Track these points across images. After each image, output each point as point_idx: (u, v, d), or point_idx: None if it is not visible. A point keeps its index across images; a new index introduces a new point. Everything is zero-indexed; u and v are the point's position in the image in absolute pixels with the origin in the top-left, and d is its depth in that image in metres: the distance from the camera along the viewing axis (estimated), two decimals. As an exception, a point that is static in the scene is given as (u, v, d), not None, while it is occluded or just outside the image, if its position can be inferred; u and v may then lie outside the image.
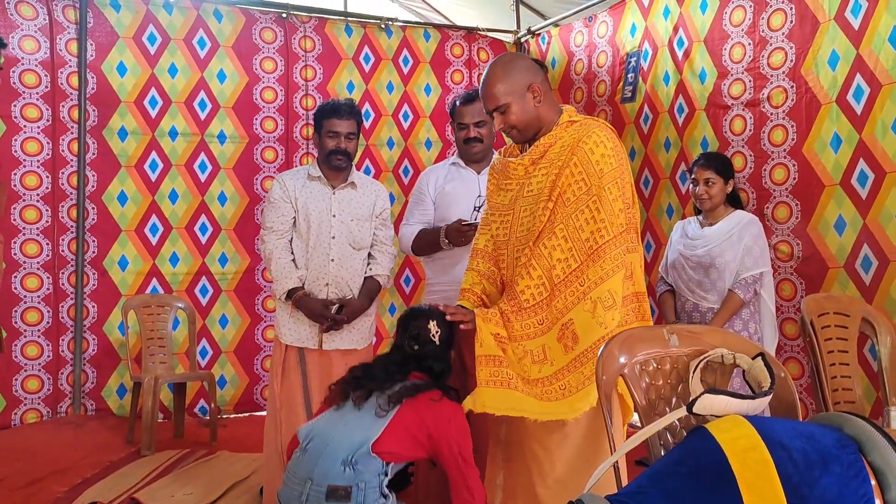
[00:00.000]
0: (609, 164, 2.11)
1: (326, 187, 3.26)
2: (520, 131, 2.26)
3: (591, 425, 2.16)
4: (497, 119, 2.26)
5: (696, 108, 4.45)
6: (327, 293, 3.18)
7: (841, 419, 1.41)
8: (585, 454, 2.17)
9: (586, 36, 5.45)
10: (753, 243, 3.39)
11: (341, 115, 3.20)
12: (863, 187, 3.62)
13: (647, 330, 1.89)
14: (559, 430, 2.16)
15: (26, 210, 4.78)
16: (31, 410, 4.80)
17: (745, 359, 1.71)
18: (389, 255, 3.36)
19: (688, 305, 3.48)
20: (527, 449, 2.22)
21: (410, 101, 5.82)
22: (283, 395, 3.18)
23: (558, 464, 2.17)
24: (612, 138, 2.17)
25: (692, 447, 1.39)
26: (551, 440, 2.17)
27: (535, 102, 2.23)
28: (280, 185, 3.27)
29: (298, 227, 3.24)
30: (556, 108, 2.28)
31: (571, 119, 2.25)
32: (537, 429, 2.16)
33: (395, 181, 5.75)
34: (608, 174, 2.10)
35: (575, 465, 2.16)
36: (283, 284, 3.17)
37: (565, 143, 2.18)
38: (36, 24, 4.80)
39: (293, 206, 3.24)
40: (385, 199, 3.40)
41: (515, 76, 2.22)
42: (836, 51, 3.72)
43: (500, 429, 2.32)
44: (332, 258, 3.18)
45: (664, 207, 4.72)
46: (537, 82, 2.23)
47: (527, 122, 2.24)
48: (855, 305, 3.32)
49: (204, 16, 5.24)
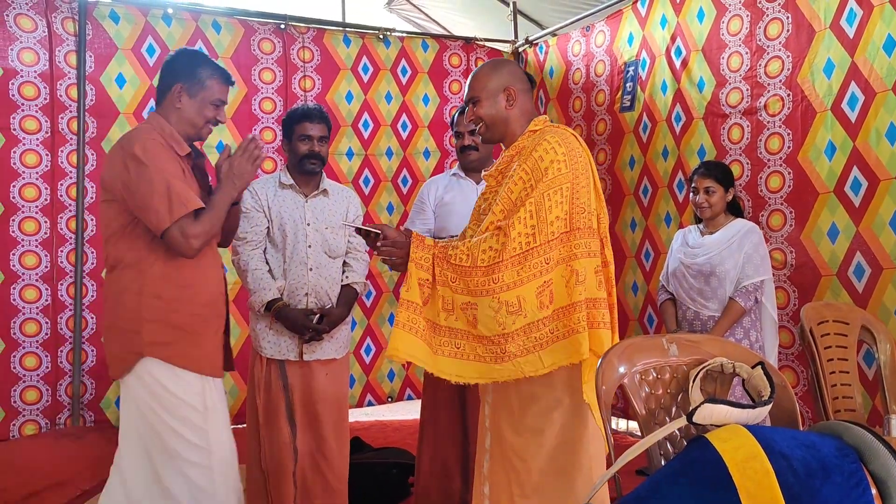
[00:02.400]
0: (556, 169, 2.11)
1: (299, 195, 3.23)
2: (487, 127, 2.34)
3: (565, 434, 2.18)
4: (469, 111, 2.37)
5: (693, 117, 4.46)
6: (307, 303, 3.14)
7: (841, 428, 1.41)
8: (560, 463, 2.18)
9: (584, 45, 5.47)
10: (754, 251, 3.39)
11: (313, 119, 3.19)
12: (856, 195, 3.64)
13: (647, 339, 1.89)
14: (533, 440, 2.18)
15: (25, 222, 4.78)
16: (30, 422, 4.78)
17: (745, 368, 1.72)
18: (364, 263, 3.34)
19: (689, 314, 3.49)
20: (506, 460, 2.25)
21: (409, 111, 5.83)
22: (264, 411, 3.12)
23: (534, 473, 2.18)
24: (564, 143, 2.16)
25: (692, 457, 1.40)
26: (526, 451, 2.20)
27: (506, 104, 2.30)
28: (252, 194, 3.21)
29: (273, 237, 3.20)
30: (527, 118, 2.33)
31: (534, 129, 2.29)
32: (513, 439, 2.21)
33: (394, 191, 5.76)
34: (551, 179, 2.10)
35: (550, 473, 2.18)
36: (262, 296, 3.10)
37: (523, 151, 2.24)
38: (35, 36, 4.81)
39: (266, 215, 3.19)
40: (357, 206, 3.38)
41: (495, 76, 2.32)
42: (832, 59, 3.74)
43: (485, 439, 2.35)
44: (310, 267, 3.15)
45: (662, 216, 4.73)
46: (515, 88, 2.30)
47: (493, 119, 2.31)
48: (854, 313, 3.33)
49: (203, 27, 5.25)
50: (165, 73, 2.50)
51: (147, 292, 2.32)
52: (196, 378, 2.35)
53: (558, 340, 2.05)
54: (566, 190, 2.10)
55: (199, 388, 2.36)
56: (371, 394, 5.71)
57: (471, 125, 3.16)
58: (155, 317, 2.32)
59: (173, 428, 2.32)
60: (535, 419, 2.20)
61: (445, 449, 3.28)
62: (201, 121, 2.48)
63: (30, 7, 4.79)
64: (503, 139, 2.35)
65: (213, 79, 2.48)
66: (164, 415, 2.32)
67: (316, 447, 3.14)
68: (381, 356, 5.74)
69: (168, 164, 2.32)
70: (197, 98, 2.46)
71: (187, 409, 2.33)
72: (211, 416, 2.37)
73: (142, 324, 2.31)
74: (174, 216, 2.24)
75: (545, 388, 2.19)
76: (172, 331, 2.33)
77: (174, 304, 2.34)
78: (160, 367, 2.32)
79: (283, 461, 3.07)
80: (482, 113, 2.32)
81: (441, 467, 3.30)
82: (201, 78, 2.46)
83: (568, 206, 2.11)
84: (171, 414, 2.32)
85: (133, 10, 5.07)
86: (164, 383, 2.32)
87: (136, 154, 2.28)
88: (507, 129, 2.32)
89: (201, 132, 2.52)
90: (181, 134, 2.47)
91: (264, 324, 3.15)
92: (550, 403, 2.19)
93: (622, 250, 5.02)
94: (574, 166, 2.14)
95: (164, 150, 2.35)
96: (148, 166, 2.27)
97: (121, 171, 2.30)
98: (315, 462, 3.12)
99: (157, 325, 2.32)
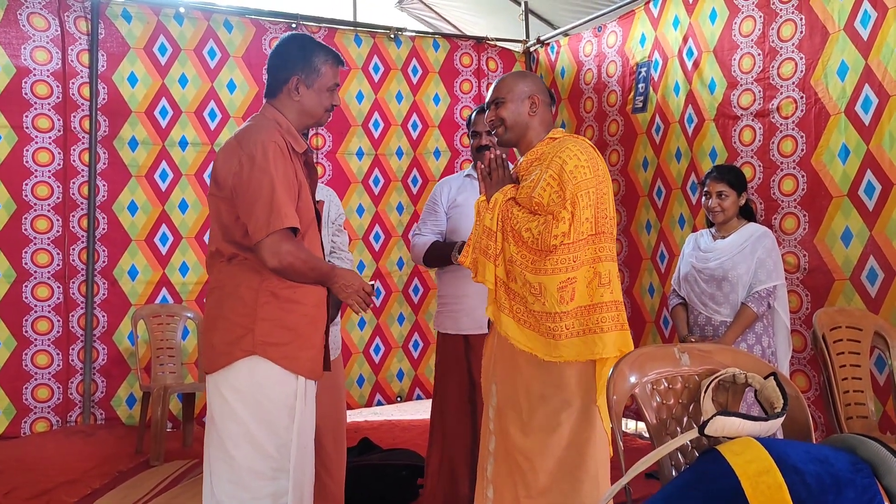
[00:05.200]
0: (583, 174, 2.21)
1: None
2: (506, 128, 2.40)
3: (574, 437, 2.19)
4: (490, 111, 2.42)
5: (705, 119, 4.44)
6: None
7: (855, 441, 1.40)
8: (568, 465, 2.19)
9: (595, 46, 5.45)
10: (767, 256, 3.35)
11: None
12: (870, 199, 3.61)
13: (658, 349, 1.88)
14: (541, 441, 2.20)
15: (37, 220, 4.81)
16: (41, 419, 4.81)
17: (758, 378, 1.70)
18: (348, 262, 3.23)
19: (700, 319, 3.45)
20: (511, 461, 2.26)
21: (419, 111, 5.83)
22: None
23: (541, 475, 2.19)
24: (586, 151, 2.27)
25: (704, 470, 1.39)
26: (534, 452, 2.21)
27: (529, 111, 2.39)
28: None
29: None
30: (546, 129, 2.42)
31: (554, 136, 2.38)
32: (520, 440, 2.23)
33: (404, 190, 5.76)
34: (581, 182, 2.19)
35: (558, 476, 2.19)
36: None
37: (544, 157, 2.32)
38: (48, 35, 4.83)
39: None
40: (338, 205, 3.28)
41: (523, 82, 2.41)
42: (846, 61, 3.71)
43: (488, 442, 2.34)
44: None
45: (676, 218, 4.71)
46: (539, 98, 2.40)
47: (515, 122, 2.39)
48: (868, 319, 3.31)
49: (214, 26, 5.26)
50: (277, 64, 2.38)
51: (264, 289, 2.25)
52: (295, 380, 2.29)
53: (573, 337, 2.16)
54: (592, 194, 2.20)
55: (294, 390, 2.28)
56: (380, 393, 5.72)
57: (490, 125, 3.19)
58: (270, 315, 2.24)
59: (252, 433, 2.23)
60: (544, 420, 2.21)
61: (454, 451, 3.27)
62: (321, 110, 2.39)
63: (43, 6, 4.82)
64: (518, 144, 2.42)
65: (327, 64, 2.37)
66: (248, 418, 2.23)
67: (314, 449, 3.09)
68: (390, 355, 5.74)
69: (281, 171, 2.22)
70: (314, 87, 2.35)
71: (278, 413, 2.26)
72: (298, 418, 2.32)
73: (256, 321, 2.23)
74: (270, 228, 2.19)
75: (555, 389, 2.20)
76: (285, 332, 2.26)
77: (288, 304, 2.27)
78: (266, 368, 2.24)
79: None
80: (505, 114, 2.38)
81: (450, 469, 3.30)
82: (316, 65, 2.35)
83: (594, 210, 2.20)
84: (256, 418, 2.23)
85: (145, 9, 5.09)
86: (262, 384, 2.24)
87: (254, 155, 2.20)
88: (524, 135, 2.39)
89: (321, 120, 2.44)
90: (300, 126, 2.40)
91: None
92: (559, 405, 2.20)
93: (637, 252, 5.00)
94: (597, 172, 2.23)
95: (282, 156, 2.25)
96: (262, 170, 2.19)
97: (235, 168, 2.22)
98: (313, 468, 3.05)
99: (271, 325, 2.24)
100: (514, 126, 2.39)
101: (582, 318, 2.18)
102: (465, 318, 3.20)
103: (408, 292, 5.77)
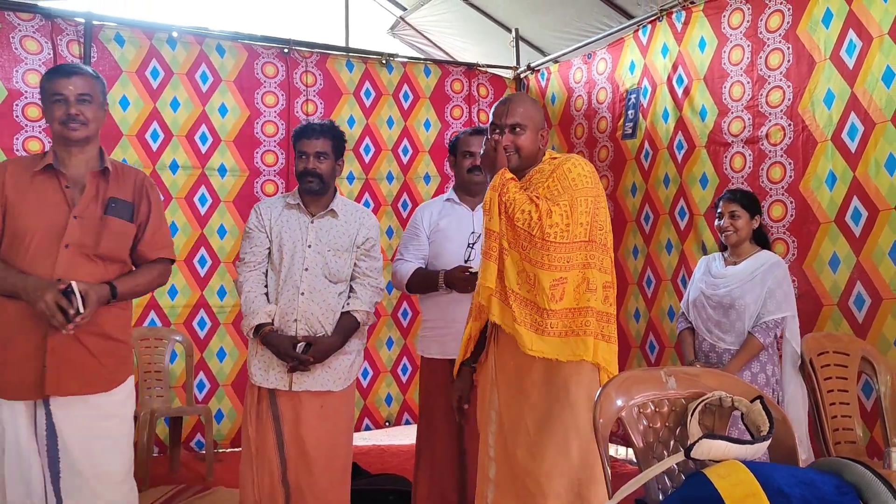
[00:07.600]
0: (584, 181, 2.28)
1: (304, 215, 3.06)
2: (520, 157, 2.40)
3: (584, 457, 2.19)
4: (507, 136, 2.39)
5: (696, 145, 4.48)
6: (296, 329, 2.95)
7: (840, 465, 1.40)
8: (577, 486, 2.19)
9: (585, 72, 5.50)
10: (777, 287, 3.28)
11: (310, 135, 3.00)
12: (856, 225, 3.64)
13: (645, 372, 1.89)
14: (550, 463, 2.20)
15: (26, 242, 4.78)
16: None
17: (744, 402, 1.70)
18: (372, 289, 3.09)
19: (704, 345, 3.42)
20: (519, 485, 2.24)
21: (410, 136, 5.86)
22: (257, 441, 2.98)
23: (550, 498, 2.18)
24: (588, 165, 2.36)
25: (691, 494, 1.39)
26: (542, 473, 2.20)
27: (540, 143, 2.43)
28: (256, 214, 3.09)
29: (272, 258, 3.04)
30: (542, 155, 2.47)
31: (554, 157, 2.45)
32: (528, 462, 2.22)
33: (394, 215, 5.77)
34: (582, 189, 2.26)
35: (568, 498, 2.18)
36: (251, 320, 2.94)
37: (545, 171, 2.37)
38: (40, 58, 4.84)
39: (268, 235, 3.05)
40: (370, 228, 3.14)
41: (538, 113, 2.46)
42: (832, 90, 3.76)
43: (488, 469, 2.32)
44: (301, 291, 2.96)
45: (663, 243, 4.73)
46: (545, 131, 2.47)
47: (530, 151, 2.41)
48: (855, 345, 3.31)
49: (207, 50, 5.29)
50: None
51: None
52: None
53: (560, 337, 2.20)
54: (590, 202, 2.26)
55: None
56: (369, 418, 5.68)
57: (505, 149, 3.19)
58: None
59: None
60: (552, 441, 2.20)
61: (442, 477, 3.23)
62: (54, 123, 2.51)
63: (35, 30, 4.83)
64: (517, 171, 2.40)
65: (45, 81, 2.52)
66: None
67: (306, 485, 2.95)
68: (378, 379, 5.71)
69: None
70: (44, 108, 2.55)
71: None
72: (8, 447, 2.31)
73: None
74: None
75: (562, 410, 2.22)
76: None
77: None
78: None
79: (273, 494, 2.95)
80: (523, 143, 2.39)
81: (439, 495, 3.26)
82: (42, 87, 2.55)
83: (590, 218, 2.25)
84: None
85: (138, 34, 5.11)
86: None
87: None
88: (529, 164, 2.42)
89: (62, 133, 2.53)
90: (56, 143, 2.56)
91: (254, 350, 3.01)
92: (568, 425, 2.21)
93: (624, 277, 5.01)
94: (597, 184, 2.31)
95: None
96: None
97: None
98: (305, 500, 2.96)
99: None
100: (528, 156, 2.40)
101: (566, 320, 2.21)
102: (453, 343, 3.13)
103: (397, 316, 5.76)
